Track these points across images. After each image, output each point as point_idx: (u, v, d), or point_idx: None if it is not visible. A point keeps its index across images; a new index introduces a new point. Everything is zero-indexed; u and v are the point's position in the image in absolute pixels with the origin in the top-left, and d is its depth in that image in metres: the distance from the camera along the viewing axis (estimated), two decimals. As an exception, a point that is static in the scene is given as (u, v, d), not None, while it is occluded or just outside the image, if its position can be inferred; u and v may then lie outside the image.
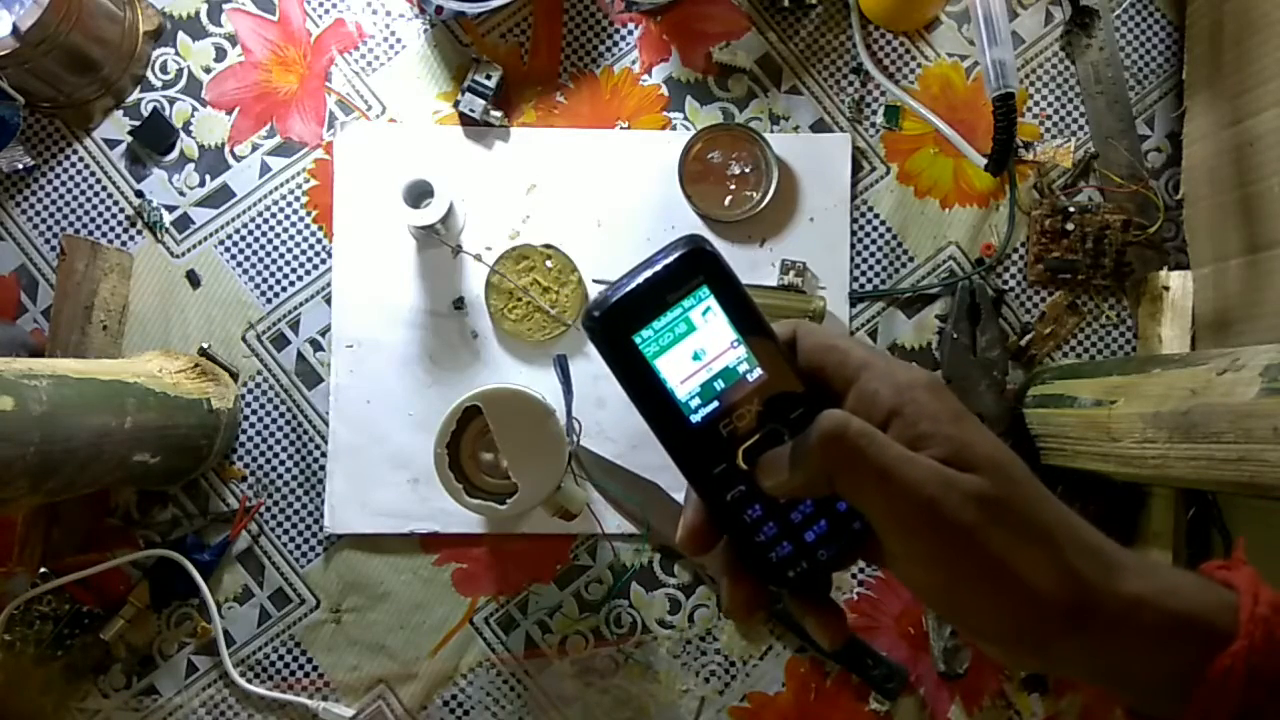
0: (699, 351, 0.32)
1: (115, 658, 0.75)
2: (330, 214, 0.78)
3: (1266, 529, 0.71)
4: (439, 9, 0.74)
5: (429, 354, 0.77)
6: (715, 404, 0.32)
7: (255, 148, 0.78)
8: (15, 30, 0.67)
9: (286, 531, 0.77)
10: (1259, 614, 0.29)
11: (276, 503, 0.77)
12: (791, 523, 0.33)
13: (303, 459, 0.77)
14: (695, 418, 0.32)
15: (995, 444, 0.30)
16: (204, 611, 0.75)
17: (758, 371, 0.32)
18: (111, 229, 0.78)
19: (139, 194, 0.78)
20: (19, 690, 0.74)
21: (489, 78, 0.77)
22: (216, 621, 0.75)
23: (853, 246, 0.79)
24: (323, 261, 0.78)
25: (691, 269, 0.32)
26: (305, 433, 0.77)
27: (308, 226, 0.78)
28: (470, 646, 0.77)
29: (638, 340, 0.32)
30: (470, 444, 0.69)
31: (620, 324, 0.32)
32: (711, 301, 0.32)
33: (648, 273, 0.32)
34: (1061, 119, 0.80)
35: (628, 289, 0.31)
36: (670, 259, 0.32)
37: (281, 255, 0.78)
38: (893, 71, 0.80)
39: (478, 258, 0.77)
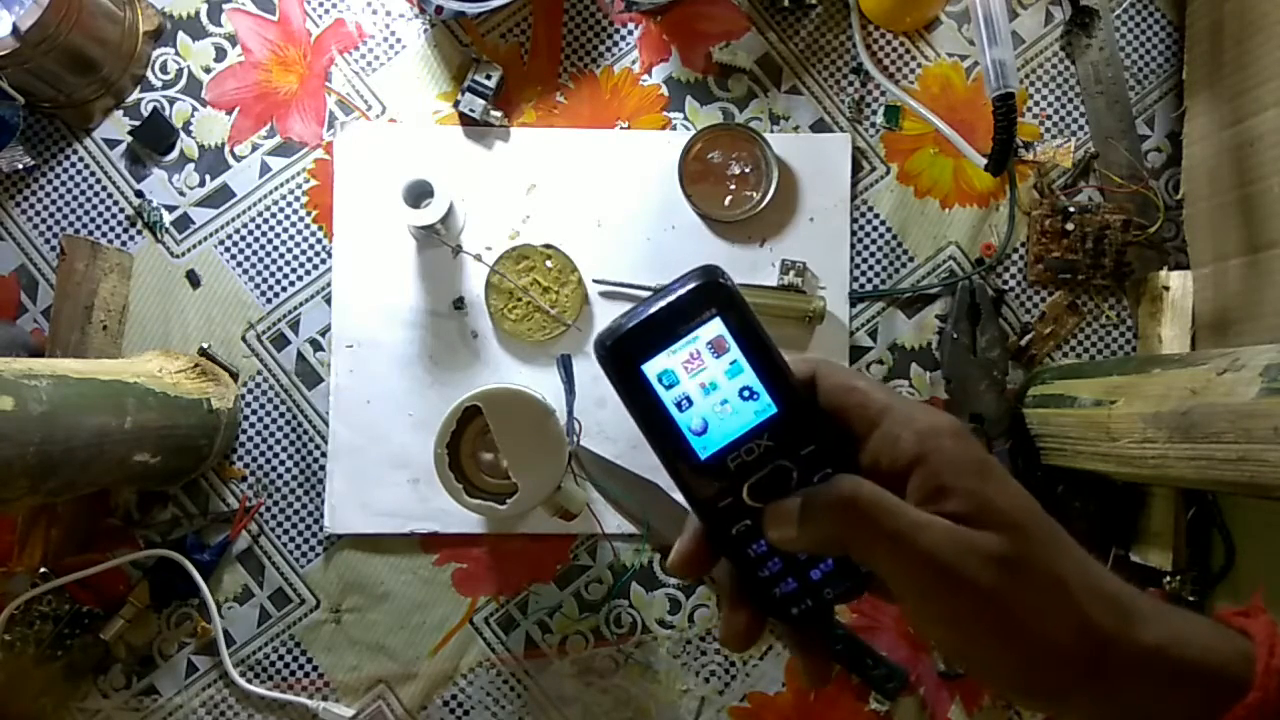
0: (709, 384, 0.31)
1: (115, 658, 0.75)
2: (330, 214, 0.78)
3: (1266, 529, 0.70)
4: (439, 9, 0.74)
5: (429, 354, 0.77)
6: (723, 438, 0.32)
7: (255, 148, 0.78)
8: (15, 30, 0.67)
9: (286, 531, 0.77)
10: (1274, 666, 0.28)
11: (276, 503, 0.77)
12: (797, 560, 0.32)
13: (303, 459, 0.77)
14: (702, 451, 0.32)
15: (1017, 496, 0.30)
16: (204, 611, 0.75)
17: (769, 406, 0.32)
18: (111, 229, 0.78)
19: (139, 194, 0.78)
20: (19, 690, 0.74)
21: (489, 78, 0.77)
22: (216, 621, 0.75)
23: (853, 246, 0.79)
24: (323, 261, 0.78)
25: (705, 301, 0.31)
26: (305, 433, 0.77)
27: (308, 226, 0.78)
28: (470, 646, 0.77)
29: (646, 370, 0.31)
30: (470, 444, 0.69)
31: (629, 353, 0.31)
32: (725, 334, 0.31)
33: (660, 303, 0.31)
34: (1061, 119, 0.80)
35: (639, 318, 0.31)
36: (684, 290, 0.31)
37: (281, 255, 0.78)
38: (893, 71, 0.80)
39: (478, 258, 0.77)
